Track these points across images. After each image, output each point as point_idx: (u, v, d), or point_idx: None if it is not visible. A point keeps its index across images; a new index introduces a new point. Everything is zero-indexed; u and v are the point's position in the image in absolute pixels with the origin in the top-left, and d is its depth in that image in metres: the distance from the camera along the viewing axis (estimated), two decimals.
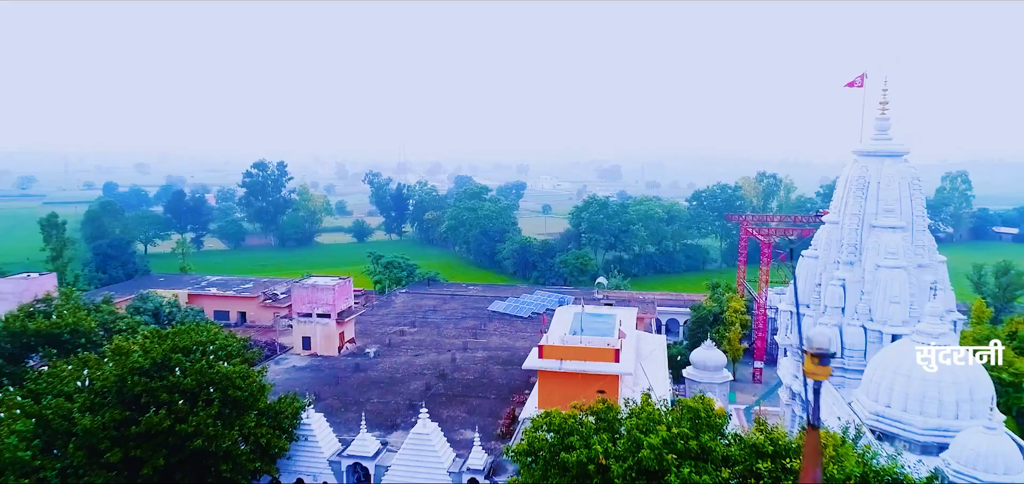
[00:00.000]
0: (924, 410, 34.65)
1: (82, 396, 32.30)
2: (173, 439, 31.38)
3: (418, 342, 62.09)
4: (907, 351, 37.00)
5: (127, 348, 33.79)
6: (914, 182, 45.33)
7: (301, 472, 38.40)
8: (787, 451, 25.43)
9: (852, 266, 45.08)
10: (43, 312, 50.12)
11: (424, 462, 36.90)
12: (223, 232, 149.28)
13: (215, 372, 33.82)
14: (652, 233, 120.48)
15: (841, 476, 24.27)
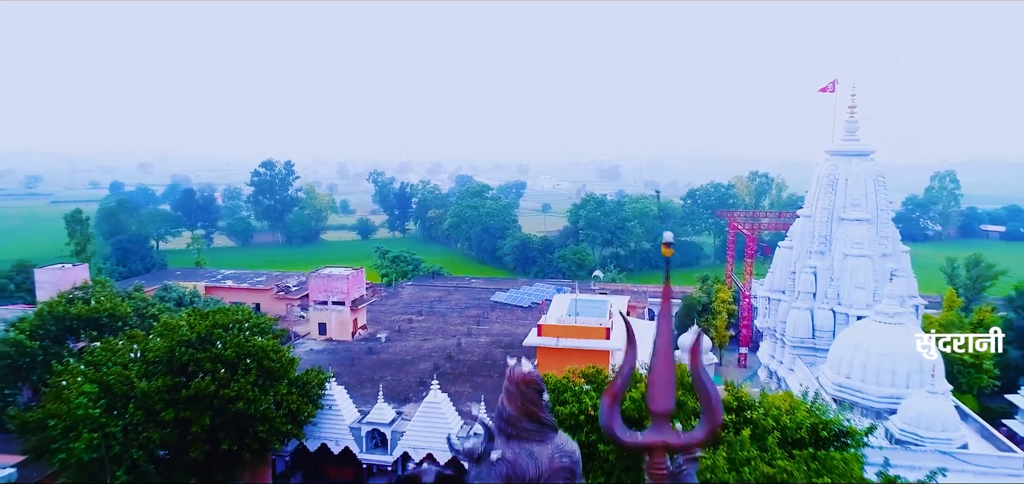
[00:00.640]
0: (879, 380, 39.09)
1: (136, 365, 36.77)
2: (217, 402, 35.81)
3: (425, 329, 66.49)
4: (867, 330, 41.52)
5: (175, 324, 38.30)
6: (879, 179, 49.76)
7: (325, 437, 42.88)
8: (749, 405, 29.93)
9: (823, 255, 49.53)
10: (82, 299, 54.45)
11: (435, 427, 41.29)
12: (232, 229, 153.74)
13: (252, 345, 38.32)
14: (647, 230, 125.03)
15: (793, 424, 28.71)
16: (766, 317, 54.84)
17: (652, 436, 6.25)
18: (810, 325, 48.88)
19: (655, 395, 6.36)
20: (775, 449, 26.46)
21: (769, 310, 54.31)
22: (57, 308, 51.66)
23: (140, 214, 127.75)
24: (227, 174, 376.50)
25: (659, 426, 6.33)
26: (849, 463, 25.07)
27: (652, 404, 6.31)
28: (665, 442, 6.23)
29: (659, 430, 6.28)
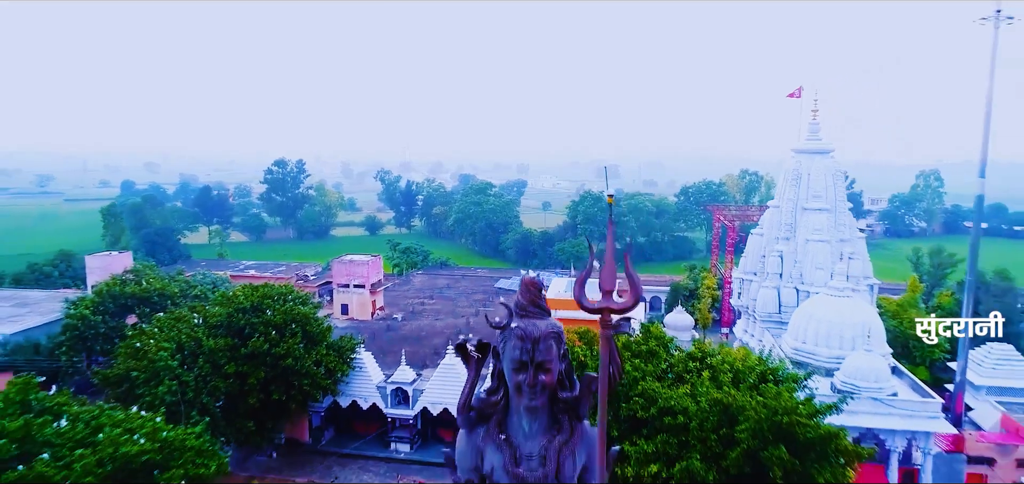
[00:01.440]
0: (829, 344, 46.00)
1: (201, 329, 43.71)
2: (269, 359, 42.79)
3: (436, 311, 73.43)
4: (820, 302, 48.51)
5: (232, 294, 45.31)
6: (837, 174, 56.70)
7: (355, 395, 49.85)
8: (710, 354, 36.88)
9: (788, 241, 56.47)
10: (134, 280, 61.45)
11: (450, 385, 48.23)
12: (246, 225, 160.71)
13: (296, 312, 45.30)
14: (642, 225, 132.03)
15: (745, 368, 35.61)
16: (740, 297, 61.77)
17: (602, 303, 12.91)
18: (777, 301, 55.76)
19: (604, 278, 13.03)
20: (728, 386, 33.35)
21: (743, 290, 61.22)
22: (114, 288, 58.68)
23: (164, 209, 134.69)
24: (231, 173, 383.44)
25: (606, 298, 13.03)
26: (781, 393, 31.88)
27: (602, 284, 13.03)
28: (609, 307, 12.83)
29: (606, 300, 12.97)
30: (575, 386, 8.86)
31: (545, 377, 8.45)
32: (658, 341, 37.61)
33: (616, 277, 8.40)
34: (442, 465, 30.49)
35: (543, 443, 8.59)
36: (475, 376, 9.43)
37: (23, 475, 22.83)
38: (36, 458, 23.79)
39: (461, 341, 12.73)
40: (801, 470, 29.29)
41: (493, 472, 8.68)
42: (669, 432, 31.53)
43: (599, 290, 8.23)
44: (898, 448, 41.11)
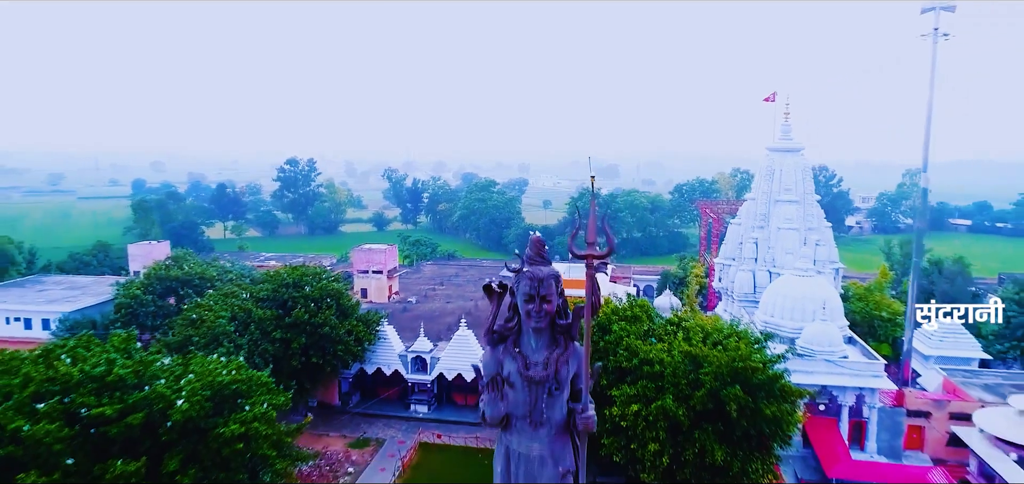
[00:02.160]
0: (793, 316, 52.89)
1: (250, 302, 50.68)
2: (309, 327, 49.75)
3: (447, 295, 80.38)
4: (786, 282, 55.44)
5: (276, 272, 52.31)
6: (806, 169, 63.64)
7: (380, 362, 56.84)
8: (684, 320, 43.85)
9: (762, 229, 63.39)
10: (177, 265, 68.39)
11: (463, 354, 55.20)
12: (259, 221, 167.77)
13: (331, 288, 52.31)
14: (638, 220, 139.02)
15: (714, 330, 42.54)
16: (721, 280, 68.69)
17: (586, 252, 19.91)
18: (752, 283, 62.67)
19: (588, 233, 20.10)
20: (698, 343, 40.27)
21: (723, 274, 68.13)
22: (160, 271, 65.73)
23: (186, 205, 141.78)
24: (236, 172, 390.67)
25: (591, 248, 20.07)
26: (739, 347, 38.77)
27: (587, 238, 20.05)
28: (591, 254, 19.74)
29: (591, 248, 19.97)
30: (568, 316, 12.97)
31: (547, 307, 11.83)
32: (641, 309, 44.67)
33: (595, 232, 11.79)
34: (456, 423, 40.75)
35: (545, 355, 12.12)
36: (497, 308, 12.89)
37: (147, 395, 29.69)
38: (154, 381, 30.69)
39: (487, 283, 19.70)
40: (753, 405, 36.25)
41: (509, 375, 12.59)
42: (648, 379, 38.53)
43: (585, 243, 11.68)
44: (849, 403, 47.98)
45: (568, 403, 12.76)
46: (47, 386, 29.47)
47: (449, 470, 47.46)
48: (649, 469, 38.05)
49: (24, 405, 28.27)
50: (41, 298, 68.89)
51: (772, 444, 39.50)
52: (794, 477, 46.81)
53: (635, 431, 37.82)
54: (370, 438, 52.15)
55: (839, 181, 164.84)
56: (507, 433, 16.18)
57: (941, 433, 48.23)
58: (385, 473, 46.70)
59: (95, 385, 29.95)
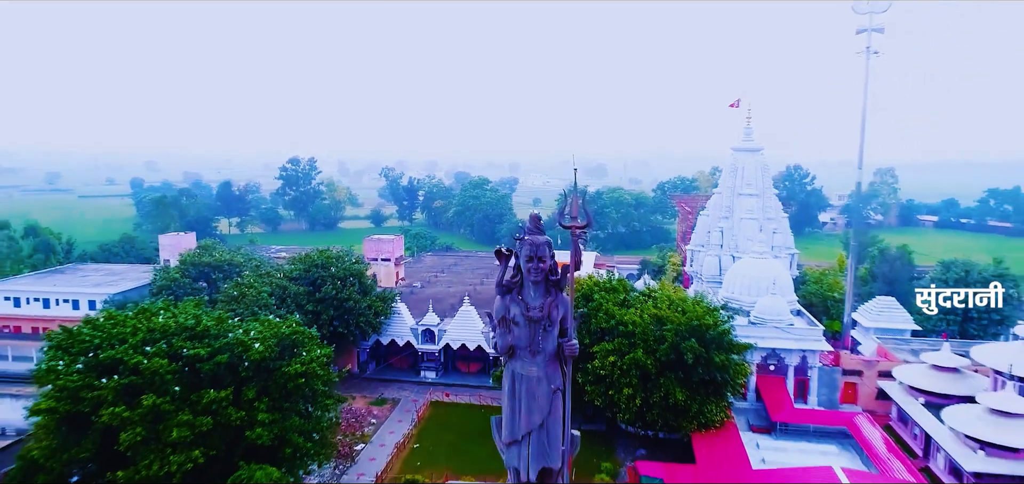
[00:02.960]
0: (749, 292, 61.74)
1: (284, 280, 58.98)
2: (336, 302, 58.12)
3: (448, 281, 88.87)
4: (745, 263, 64.32)
5: (306, 255, 60.64)
6: (765, 168, 72.66)
7: (393, 334, 65.25)
8: (654, 292, 52.63)
9: (727, 219, 72.31)
10: (207, 253, 76.33)
11: (467, 327, 63.73)
12: (263, 217, 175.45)
13: (354, 269, 60.71)
14: (622, 216, 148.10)
15: (678, 298, 51.30)
16: (692, 265, 77.60)
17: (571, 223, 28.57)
18: (718, 265, 71.56)
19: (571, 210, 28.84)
20: (664, 308, 48.98)
21: (694, 259, 77.03)
22: (193, 258, 73.76)
23: (197, 202, 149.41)
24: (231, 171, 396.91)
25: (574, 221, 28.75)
26: (697, 310, 47.54)
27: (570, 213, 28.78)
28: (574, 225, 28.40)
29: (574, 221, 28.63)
30: (557, 272, 19.49)
31: (542, 265, 16.30)
32: (619, 283, 53.48)
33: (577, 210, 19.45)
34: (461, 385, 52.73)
35: (541, 301, 18.65)
36: (505, 267, 19.04)
37: (230, 341, 37.92)
38: (234, 331, 39.00)
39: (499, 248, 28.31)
40: (706, 355, 45.04)
41: (515, 316, 18.84)
42: (622, 337, 47.27)
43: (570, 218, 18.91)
44: (794, 363, 56.83)
45: (558, 338, 21.39)
46: (151, 334, 37.75)
47: (456, 422, 55.99)
48: (624, 410, 46.81)
49: (137, 347, 36.51)
50: (86, 283, 76.70)
51: (725, 391, 48.46)
52: (747, 425, 55.59)
53: (612, 379, 46.53)
54: (387, 398, 60.58)
55: (813, 179, 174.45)
56: (512, 360, 25.29)
57: (871, 388, 57.28)
58: (403, 423, 55.19)
59: (188, 333, 38.29)
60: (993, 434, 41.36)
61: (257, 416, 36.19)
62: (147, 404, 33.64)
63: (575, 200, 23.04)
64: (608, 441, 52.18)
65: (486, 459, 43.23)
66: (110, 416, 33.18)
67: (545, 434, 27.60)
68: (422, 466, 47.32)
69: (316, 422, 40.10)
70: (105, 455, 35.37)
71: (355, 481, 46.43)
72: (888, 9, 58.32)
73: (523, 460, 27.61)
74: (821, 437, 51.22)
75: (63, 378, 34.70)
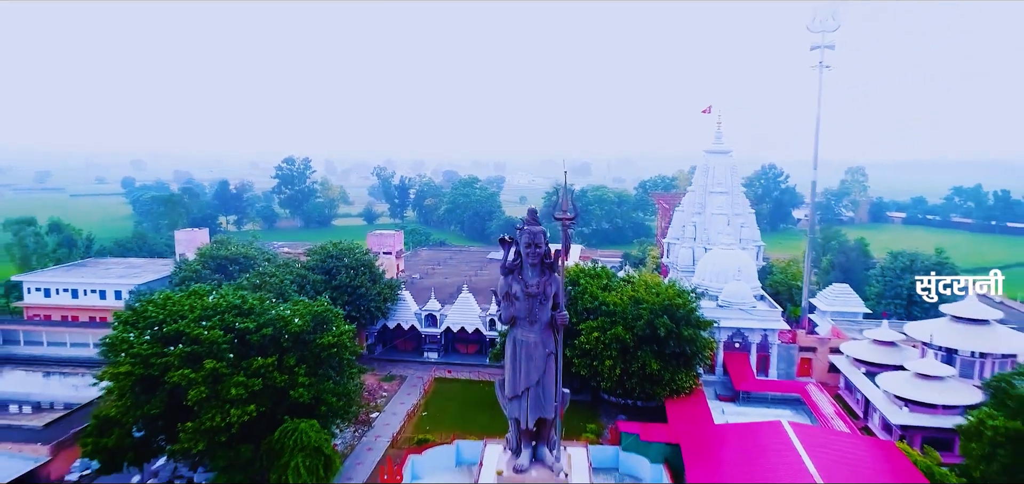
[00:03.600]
0: (717, 279, 69.22)
1: (303, 270, 65.61)
2: (350, 288, 64.87)
3: (445, 272, 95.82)
4: (715, 254, 71.77)
5: (321, 246, 67.33)
6: (734, 168, 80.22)
7: (400, 319, 72.12)
8: (632, 278, 59.96)
9: (700, 214, 79.84)
10: (223, 247, 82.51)
11: (466, 312, 70.77)
12: (260, 215, 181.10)
13: (364, 260, 67.50)
14: (606, 213, 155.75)
15: (654, 283, 58.64)
16: (668, 256, 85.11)
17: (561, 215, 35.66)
18: (692, 257, 79.05)
19: (563, 204, 36.04)
20: (641, 291, 56.28)
21: (670, 251, 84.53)
22: (211, 251, 80.00)
23: (199, 200, 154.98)
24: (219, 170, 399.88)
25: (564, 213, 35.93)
26: (669, 292, 54.86)
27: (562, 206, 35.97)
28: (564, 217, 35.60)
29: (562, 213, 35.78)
30: (551, 256, 30.13)
31: (538, 250, 27.99)
32: (603, 270, 60.81)
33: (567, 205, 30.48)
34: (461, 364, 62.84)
35: (537, 280, 28.90)
36: (508, 251, 29.11)
37: (273, 317, 44.64)
38: (274, 308, 45.74)
39: (503, 237, 35.67)
40: (677, 330, 52.37)
41: (516, 292, 29.38)
42: (605, 316, 54.49)
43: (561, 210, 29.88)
44: (756, 341, 64.40)
45: (551, 310, 28.81)
46: (205, 311, 44.41)
47: (458, 394, 63.03)
48: (606, 379, 54.04)
49: (196, 322, 43.15)
50: (109, 275, 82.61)
51: (694, 362, 55.85)
52: (715, 395, 63.07)
53: (596, 352, 53.71)
54: (395, 375, 67.46)
55: (786, 178, 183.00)
56: (514, 329, 33.08)
57: (823, 363, 65.01)
58: (411, 396, 62.13)
59: (235, 310, 45.00)
60: (916, 393, 49.10)
61: (297, 379, 43.02)
62: (208, 367, 40.35)
63: (565, 196, 30.88)
64: (593, 409, 59.41)
65: (487, 423, 50.34)
66: (179, 377, 39.87)
67: (541, 390, 35.91)
68: (431, 429, 54.22)
69: (344, 386, 46.98)
70: (171, 411, 42.11)
71: (374, 442, 53.33)
72: (838, 29, 66.06)
73: (523, 411, 35.77)
74: (778, 404, 58.74)
75: (136, 347, 41.32)
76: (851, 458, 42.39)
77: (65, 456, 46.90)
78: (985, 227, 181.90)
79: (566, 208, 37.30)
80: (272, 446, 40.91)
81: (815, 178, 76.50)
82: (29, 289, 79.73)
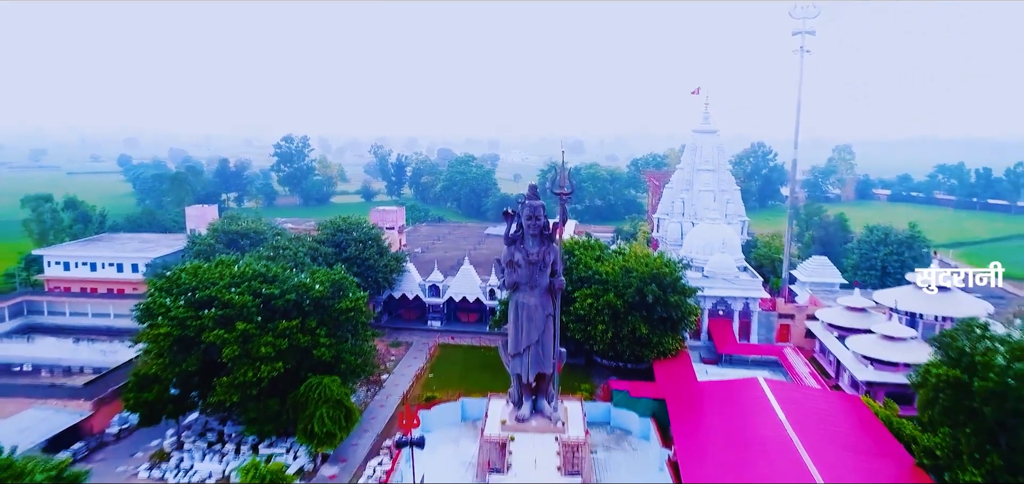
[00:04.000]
0: (703, 251, 73.77)
1: (315, 243, 69.74)
2: (359, 260, 69.11)
3: (445, 246, 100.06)
4: (701, 228, 76.29)
5: (330, 221, 71.51)
6: (721, 147, 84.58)
7: (405, 289, 76.50)
8: (622, 251, 64.48)
9: (688, 191, 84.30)
10: (233, 222, 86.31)
11: (468, 283, 75.16)
12: (261, 192, 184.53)
13: (372, 233, 71.73)
14: (599, 190, 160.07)
15: (643, 254, 63.18)
16: (658, 231, 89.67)
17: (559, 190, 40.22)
18: (680, 231, 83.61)
19: (561, 180, 40.44)
20: (632, 261, 60.78)
21: (660, 226, 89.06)
22: (222, 226, 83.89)
23: (202, 178, 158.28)
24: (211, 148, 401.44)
25: (561, 188, 40.37)
26: (657, 262, 59.36)
27: (559, 182, 40.42)
28: (563, 191, 40.27)
29: (561, 189, 40.23)
30: (550, 228, 38.14)
31: (538, 222, 38.49)
32: (596, 243, 65.29)
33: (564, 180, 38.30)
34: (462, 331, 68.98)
35: (538, 249, 39.10)
36: (510, 223, 39.25)
37: (296, 284, 48.92)
38: (295, 276, 49.99)
39: (506, 209, 40.55)
40: (664, 296, 56.95)
41: (518, 260, 39.61)
42: (598, 284, 58.97)
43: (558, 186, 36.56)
44: (738, 308, 69.14)
45: (550, 276, 34.56)
46: (233, 279, 48.63)
47: (461, 358, 67.60)
48: (599, 342, 58.62)
49: (226, 288, 47.36)
50: (124, 249, 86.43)
51: (680, 326, 60.47)
52: (699, 358, 67.90)
53: (589, 317, 58.23)
54: (401, 341, 71.96)
55: (775, 156, 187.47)
56: (516, 293, 38.45)
57: (801, 328, 69.90)
58: (417, 360, 66.68)
59: (260, 278, 49.24)
60: (881, 353, 53.98)
61: (319, 340, 47.43)
62: (240, 328, 44.71)
63: (562, 174, 35.45)
64: (586, 371, 64.08)
65: (488, 383, 54.89)
66: (214, 337, 44.22)
67: (541, 348, 40.74)
68: (437, 389, 58.80)
69: (360, 347, 51.46)
70: (205, 369, 46.49)
71: (385, 400, 57.91)
72: (818, 15, 70.19)
73: (524, 367, 40.43)
74: (758, 366, 63.43)
75: (174, 310, 45.58)
76: (820, 409, 47.28)
77: (105, 412, 51.26)
78: (967, 204, 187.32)
79: (564, 184, 41.93)
80: (298, 399, 45.40)
81: (796, 157, 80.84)
82: (49, 263, 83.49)
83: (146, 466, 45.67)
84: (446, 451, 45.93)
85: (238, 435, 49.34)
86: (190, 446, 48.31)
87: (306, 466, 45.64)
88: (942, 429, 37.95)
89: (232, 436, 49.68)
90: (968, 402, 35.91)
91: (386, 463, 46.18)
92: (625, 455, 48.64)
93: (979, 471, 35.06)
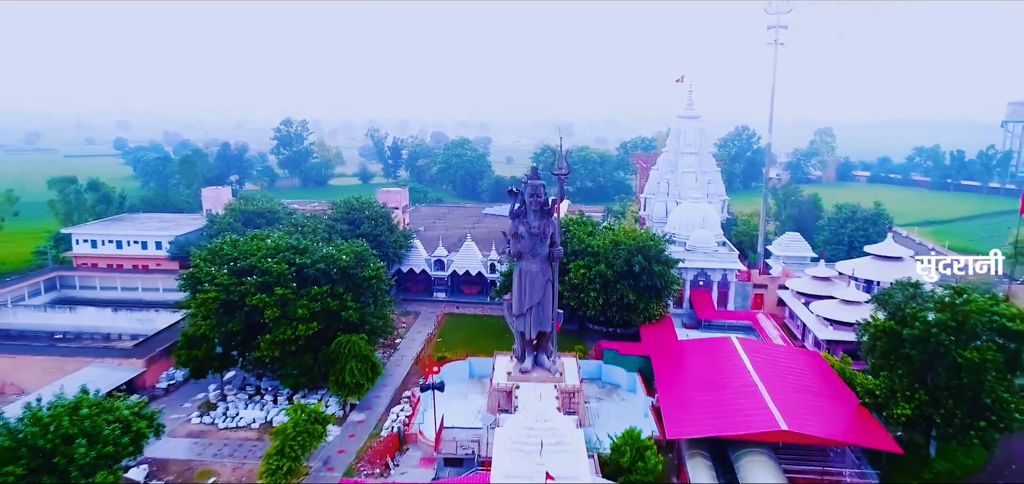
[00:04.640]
0: (685, 227, 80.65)
1: (331, 221, 76.07)
2: (372, 237, 75.51)
3: (446, 225, 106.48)
4: (684, 207, 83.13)
5: (345, 201, 77.82)
6: (702, 132, 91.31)
7: (412, 263, 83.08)
8: (612, 227, 71.30)
9: (672, 172, 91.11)
10: (248, 202, 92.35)
11: (470, 257, 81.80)
12: (262, 175, 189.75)
13: (383, 212, 78.13)
14: (589, 172, 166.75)
15: (631, 229, 69.98)
16: (644, 210, 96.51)
17: (557, 170, 47.01)
18: (665, 210, 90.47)
19: (559, 162, 47.14)
20: (620, 235, 67.56)
21: (646, 205, 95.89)
22: (239, 207, 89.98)
23: (207, 160, 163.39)
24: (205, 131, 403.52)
25: (559, 169, 47.11)
26: (643, 236, 66.18)
27: (558, 165, 47.15)
28: (561, 172, 47.10)
29: (559, 169, 46.98)
30: (549, 203, 46.68)
31: (539, 198, 47.45)
32: (588, 220, 72.06)
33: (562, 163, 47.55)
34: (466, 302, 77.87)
35: (539, 222, 48.06)
36: (515, 200, 48.68)
37: (325, 255, 55.31)
38: (323, 248, 56.43)
39: (511, 187, 47.69)
40: (649, 267, 63.82)
41: (521, 233, 48.68)
42: (590, 256, 65.71)
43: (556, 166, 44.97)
44: (717, 279, 76.19)
45: (549, 247, 42.23)
46: (268, 250, 55.02)
47: (466, 326, 74.34)
48: (590, 308, 65.44)
49: (264, 258, 53.74)
50: (146, 228, 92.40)
51: (664, 294, 67.38)
52: (681, 324, 75.06)
53: (582, 286, 64.96)
54: (410, 311, 78.59)
55: (759, 139, 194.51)
56: (520, 261, 46.19)
57: (773, 297, 77.11)
58: (426, 327, 73.37)
59: (293, 249, 55.68)
60: (839, 315, 61.21)
61: (346, 303, 54.02)
62: (278, 293, 51.21)
63: (560, 156, 42.81)
64: (580, 335, 70.95)
65: (492, 346, 61.66)
66: (257, 301, 50.72)
67: (541, 309, 48.08)
68: (446, 350, 65.56)
69: (381, 311, 58.12)
70: (247, 329, 52.99)
71: (401, 360, 64.64)
72: (792, 10, 76.80)
73: (527, 325, 47.66)
74: (733, 330, 70.54)
75: (219, 277, 51.97)
76: (783, 362, 54.43)
77: (154, 369, 57.72)
78: (941, 185, 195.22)
79: (561, 165, 48.59)
80: (329, 354, 52.08)
81: (770, 141, 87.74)
82: (78, 241, 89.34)
83: (197, 414, 52.19)
84: (457, 404, 52.73)
85: (274, 388, 55.97)
86: (232, 398, 54.90)
87: (337, 413, 52.34)
88: (882, 374, 45.15)
89: (268, 389, 56.29)
90: (900, 348, 43.06)
91: (407, 408, 52.97)
92: (615, 404, 55.83)
93: (909, 405, 42.34)
